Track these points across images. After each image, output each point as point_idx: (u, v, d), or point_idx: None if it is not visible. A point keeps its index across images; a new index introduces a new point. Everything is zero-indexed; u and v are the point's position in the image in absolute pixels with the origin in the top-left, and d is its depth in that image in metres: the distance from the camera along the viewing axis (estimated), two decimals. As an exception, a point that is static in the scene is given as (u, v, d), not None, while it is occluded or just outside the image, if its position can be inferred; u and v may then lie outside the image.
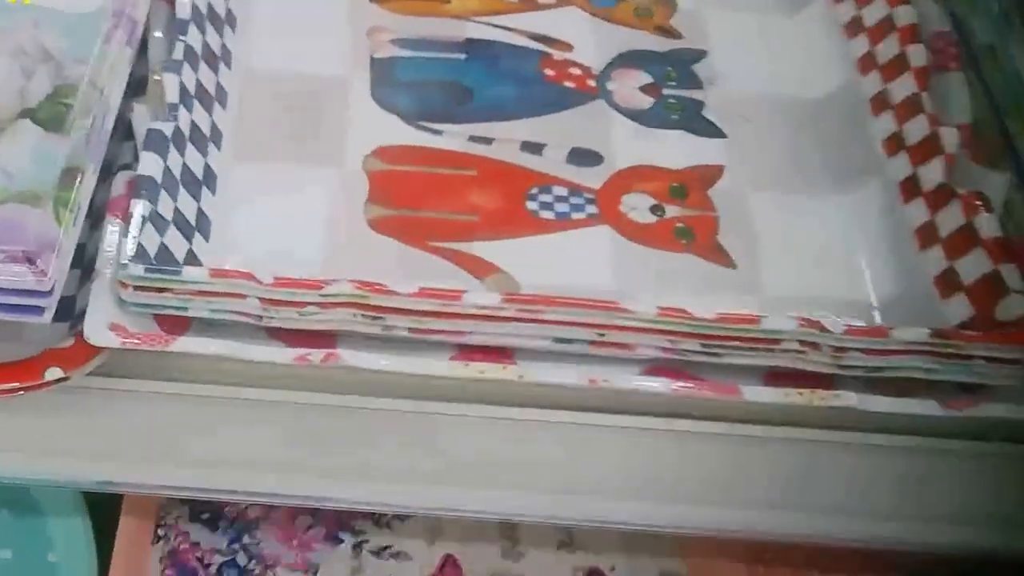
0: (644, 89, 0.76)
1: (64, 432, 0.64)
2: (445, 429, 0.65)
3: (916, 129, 0.71)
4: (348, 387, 0.65)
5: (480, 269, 0.67)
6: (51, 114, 0.63)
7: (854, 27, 0.77)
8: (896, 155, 0.71)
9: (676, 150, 0.73)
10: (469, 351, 0.63)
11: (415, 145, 0.72)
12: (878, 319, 0.67)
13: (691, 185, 0.72)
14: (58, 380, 0.61)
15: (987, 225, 0.66)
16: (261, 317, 0.62)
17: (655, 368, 0.64)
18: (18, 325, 0.61)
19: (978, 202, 0.67)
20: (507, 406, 0.65)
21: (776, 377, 0.64)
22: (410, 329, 0.62)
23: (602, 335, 0.63)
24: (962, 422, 0.64)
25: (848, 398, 0.63)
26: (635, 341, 0.63)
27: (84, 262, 0.65)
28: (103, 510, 0.73)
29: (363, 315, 0.62)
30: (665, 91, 0.76)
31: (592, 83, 0.75)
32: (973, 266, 0.66)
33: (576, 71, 0.76)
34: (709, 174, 0.72)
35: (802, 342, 0.63)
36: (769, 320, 0.62)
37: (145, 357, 0.63)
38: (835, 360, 0.63)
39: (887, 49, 0.75)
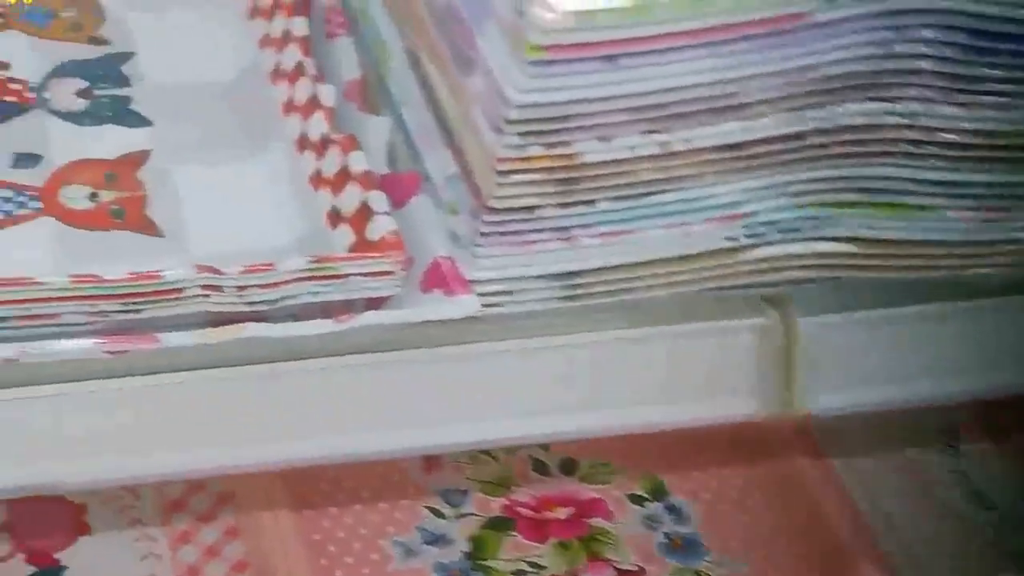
0: (79, 93, 0.85)
1: None
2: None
3: (302, 91, 0.82)
4: None
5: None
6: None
7: (253, 11, 0.88)
8: (289, 115, 0.82)
9: (109, 143, 0.82)
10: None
11: None
12: (294, 259, 0.77)
13: (121, 171, 0.81)
14: None
15: (356, 162, 0.77)
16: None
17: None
18: None
19: (349, 144, 0.78)
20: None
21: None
22: None
23: (28, 309, 0.71)
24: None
25: (250, 329, 0.72)
26: (58, 310, 0.72)
27: None
28: None
29: None
30: (97, 92, 0.85)
31: (30, 94, 0.84)
32: (349, 198, 0.76)
33: (16, 86, 0.85)
34: (137, 159, 0.82)
35: (204, 286, 0.72)
36: (171, 272, 0.72)
37: None
38: (241, 298, 0.73)
39: (277, 26, 0.85)
